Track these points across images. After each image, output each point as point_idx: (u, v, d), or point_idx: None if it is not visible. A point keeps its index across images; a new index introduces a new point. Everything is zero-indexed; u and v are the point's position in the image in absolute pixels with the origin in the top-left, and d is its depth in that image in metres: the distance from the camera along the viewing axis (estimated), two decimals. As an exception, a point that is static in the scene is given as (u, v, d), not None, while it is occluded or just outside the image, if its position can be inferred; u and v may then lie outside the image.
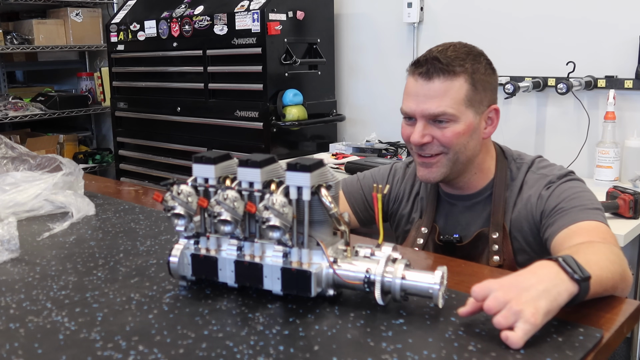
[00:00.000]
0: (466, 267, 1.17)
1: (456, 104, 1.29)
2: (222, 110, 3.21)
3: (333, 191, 0.93)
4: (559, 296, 0.89)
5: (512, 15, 2.78)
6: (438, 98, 1.29)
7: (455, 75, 1.29)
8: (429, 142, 1.31)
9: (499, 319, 0.84)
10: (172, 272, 1.01)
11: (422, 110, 1.30)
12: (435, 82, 1.29)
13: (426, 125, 1.31)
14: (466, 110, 1.30)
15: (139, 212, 1.52)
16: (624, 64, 2.46)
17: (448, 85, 1.29)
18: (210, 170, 0.97)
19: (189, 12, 3.27)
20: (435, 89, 1.29)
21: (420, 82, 1.30)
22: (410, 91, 1.33)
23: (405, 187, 1.53)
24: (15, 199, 1.46)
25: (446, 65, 1.29)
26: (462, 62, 1.31)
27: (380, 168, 1.61)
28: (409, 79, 1.35)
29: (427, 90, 1.30)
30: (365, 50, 3.36)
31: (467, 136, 1.31)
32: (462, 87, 1.29)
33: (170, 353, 0.81)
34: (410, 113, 1.33)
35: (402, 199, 1.53)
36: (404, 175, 1.54)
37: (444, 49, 1.34)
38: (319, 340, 0.84)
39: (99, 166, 4.46)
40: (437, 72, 1.29)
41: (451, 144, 1.31)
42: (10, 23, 4.33)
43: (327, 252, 0.93)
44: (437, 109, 1.28)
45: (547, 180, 1.33)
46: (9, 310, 0.96)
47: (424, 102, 1.30)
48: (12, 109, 4.01)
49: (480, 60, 1.34)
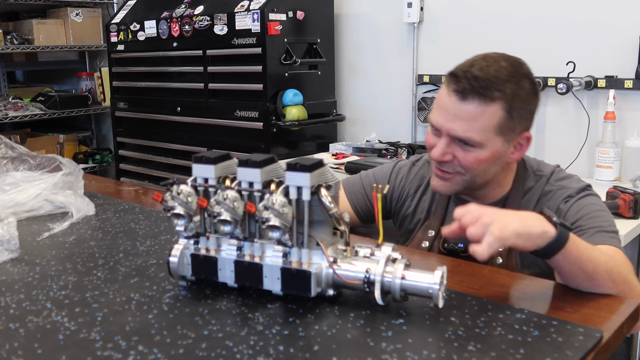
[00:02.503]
0: (466, 267, 1.17)
1: (485, 131, 1.21)
2: (222, 110, 3.21)
3: (333, 191, 0.93)
4: (532, 226, 0.98)
5: (512, 15, 2.78)
6: (468, 122, 1.20)
7: (491, 101, 1.19)
8: (449, 160, 1.26)
9: (470, 230, 0.95)
10: (172, 272, 1.01)
11: (449, 129, 1.23)
12: (468, 104, 1.20)
13: (450, 143, 1.24)
14: (495, 138, 1.22)
15: (139, 212, 1.52)
16: (624, 64, 2.46)
17: (481, 111, 1.20)
18: (210, 170, 0.97)
19: (189, 12, 3.27)
20: (467, 111, 1.20)
21: (454, 99, 1.21)
22: (441, 104, 1.25)
23: (410, 187, 1.49)
24: (15, 199, 1.46)
25: (484, 89, 1.19)
26: (502, 85, 1.20)
27: (383, 167, 1.57)
28: (443, 89, 1.26)
29: (457, 110, 1.21)
30: (365, 50, 3.36)
31: (490, 163, 1.25)
32: (495, 114, 1.20)
33: (170, 353, 0.81)
34: (436, 127, 1.26)
35: (406, 199, 1.49)
36: (409, 174, 1.50)
37: (487, 65, 1.22)
38: (319, 340, 0.84)
39: (99, 166, 4.46)
40: (473, 93, 1.19)
41: (471, 168, 1.25)
42: (10, 23, 4.33)
43: (327, 252, 0.93)
44: (463, 133, 1.21)
45: (566, 194, 1.29)
46: (9, 310, 0.96)
47: (452, 121, 1.22)
48: (12, 109, 4.01)
49: (524, 83, 1.23)
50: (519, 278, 1.11)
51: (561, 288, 1.05)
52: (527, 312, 0.92)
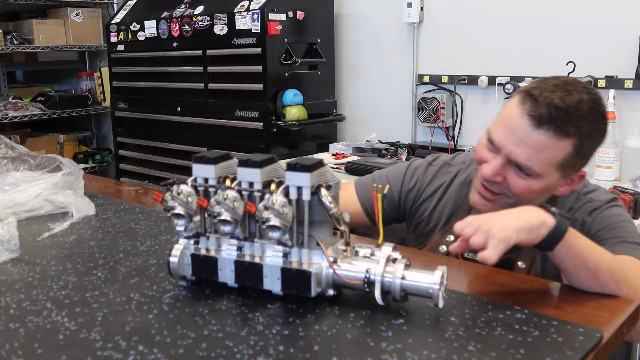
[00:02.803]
0: (466, 267, 1.17)
1: (547, 164, 1.15)
2: (222, 110, 3.21)
3: (333, 191, 0.93)
4: (530, 218, 0.99)
5: (512, 15, 2.79)
6: (533, 150, 1.14)
7: (565, 136, 1.13)
8: (499, 181, 1.20)
9: (473, 240, 0.96)
10: (172, 272, 1.01)
11: (510, 152, 1.16)
12: (540, 133, 1.13)
13: (505, 165, 1.18)
14: (553, 172, 1.17)
15: (139, 212, 1.52)
16: (624, 64, 2.46)
17: (552, 143, 1.13)
18: (210, 170, 0.97)
19: (189, 12, 3.27)
20: (536, 140, 1.13)
21: (526, 122, 1.13)
22: (510, 123, 1.16)
23: (427, 189, 1.42)
24: (15, 199, 1.46)
25: (562, 121, 1.12)
26: (580, 122, 1.13)
27: (397, 167, 1.50)
28: (515, 107, 1.17)
29: (527, 136, 1.14)
30: (365, 50, 3.36)
31: (540, 194, 1.20)
32: (564, 150, 1.14)
33: (170, 353, 0.81)
34: (497, 145, 1.18)
35: (423, 202, 1.42)
36: (425, 175, 1.44)
37: (568, 94, 1.13)
38: (319, 340, 0.84)
39: (99, 166, 4.46)
40: (549, 124, 1.12)
41: (519, 196, 1.19)
42: (10, 23, 4.33)
43: (327, 252, 0.93)
44: (525, 160, 1.15)
45: (592, 206, 1.26)
46: (9, 310, 0.96)
47: (517, 145, 1.15)
48: (12, 109, 4.01)
49: (600, 124, 1.16)
50: (519, 278, 1.11)
51: (561, 288, 1.05)
52: (527, 312, 0.92)
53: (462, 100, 3.02)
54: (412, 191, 1.44)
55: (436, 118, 3.01)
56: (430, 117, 3.04)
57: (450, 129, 3.05)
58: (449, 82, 3.03)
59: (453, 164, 1.45)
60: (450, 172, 1.43)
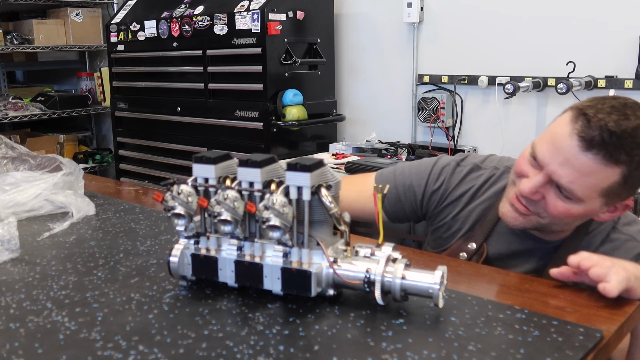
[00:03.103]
0: (466, 267, 1.17)
1: (591, 190, 1.08)
2: (222, 110, 3.21)
3: (333, 191, 0.93)
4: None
5: (512, 15, 2.79)
6: (578, 174, 1.07)
7: (614, 164, 1.05)
8: (536, 200, 1.13)
9: (594, 271, 0.96)
10: (172, 272, 1.01)
11: (553, 172, 1.09)
12: (588, 157, 1.05)
13: (546, 184, 1.11)
14: (597, 199, 1.10)
15: (139, 212, 1.52)
16: (624, 64, 2.46)
17: (599, 169, 1.06)
18: (210, 170, 0.97)
19: (189, 12, 3.27)
20: (583, 163, 1.06)
21: (575, 143, 1.06)
22: (556, 141, 1.09)
23: (454, 192, 1.33)
24: (15, 199, 1.46)
25: (613, 147, 1.04)
26: (633, 150, 1.05)
27: (421, 164, 1.40)
28: (565, 123, 1.10)
29: (573, 158, 1.06)
30: (365, 50, 3.36)
31: (577, 218, 1.14)
32: (610, 178, 1.07)
33: (170, 353, 0.81)
34: (540, 160, 1.11)
35: (447, 205, 1.34)
36: (452, 176, 1.34)
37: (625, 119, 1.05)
38: (319, 340, 0.84)
39: (99, 166, 4.46)
40: (599, 148, 1.04)
41: (555, 218, 1.13)
42: (10, 23, 4.34)
43: (327, 252, 0.93)
44: (568, 183, 1.08)
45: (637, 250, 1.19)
46: (9, 310, 0.96)
47: (562, 165, 1.08)
48: (12, 109, 4.02)
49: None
50: (519, 278, 1.11)
51: (561, 288, 1.05)
52: (527, 312, 0.92)
53: (462, 100, 3.02)
54: (437, 192, 1.35)
55: (436, 118, 3.01)
56: (430, 117, 3.04)
57: (450, 129, 3.05)
58: (449, 82, 3.03)
59: (484, 167, 1.36)
60: (480, 177, 1.34)
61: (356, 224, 1.62)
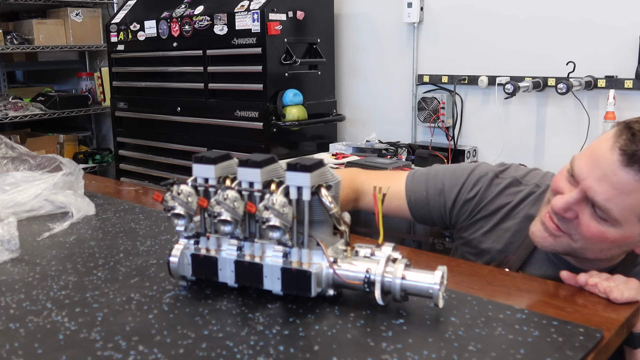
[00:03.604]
0: (466, 267, 1.17)
1: (630, 212, 1.00)
2: (222, 110, 3.21)
3: (333, 191, 0.93)
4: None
5: (512, 15, 2.79)
6: (616, 191, 0.99)
7: None
8: (570, 218, 1.05)
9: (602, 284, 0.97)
10: (172, 272, 1.01)
11: (589, 187, 1.01)
12: (629, 173, 0.98)
13: (581, 201, 1.03)
14: (636, 223, 1.01)
15: (139, 212, 1.52)
16: (624, 64, 2.46)
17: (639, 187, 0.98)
18: (210, 170, 0.97)
19: (189, 12, 3.27)
20: (622, 180, 0.98)
21: (615, 157, 0.99)
22: (596, 154, 1.02)
23: (489, 205, 1.25)
24: (15, 199, 1.46)
25: None
26: None
27: (458, 168, 1.32)
28: (608, 137, 1.02)
29: (612, 173, 0.99)
30: (365, 50, 3.36)
31: (613, 245, 1.05)
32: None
33: (170, 353, 0.81)
34: (576, 176, 1.04)
35: (480, 219, 1.25)
36: (489, 188, 1.26)
37: None
38: (319, 340, 0.84)
39: (99, 166, 4.46)
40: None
41: (588, 241, 1.05)
42: (10, 23, 4.34)
43: (327, 252, 0.93)
44: (604, 201, 1.00)
45: None
46: (9, 310, 0.96)
47: (599, 181, 1.00)
48: (12, 109, 4.02)
49: None
50: (519, 278, 1.11)
51: (561, 288, 1.05)
52: (527, 312, 0.92)
53: (462, 100, 3.02)
54: (470, 202, 1.27)
55: (436, 118, 3.01)
56: (430, 117, 3.04)
57: (450, 129, 3.05)
58: (449, 82, 3.03)
59: (524, 182, 1.26)
60: (519, 193, 1.25)
61: (356, 224, 1.63)
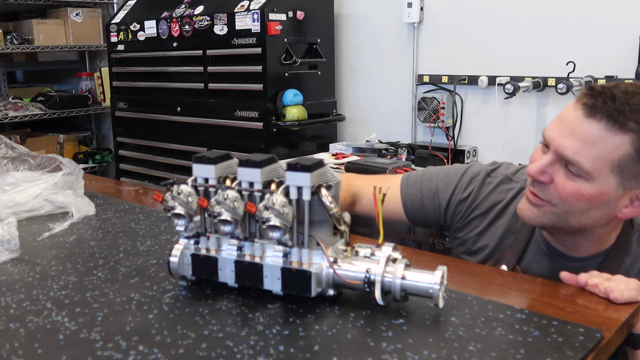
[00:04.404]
0: (466, 267, 1.17)
1: (599, 162, 1.01)
2: (222, 110, 3.21)
3: (333, 191, 0.93)
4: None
5: (512, 15, 2.79)
6: (583, 143, 1.02)
7: (621, 130, 1.00)
8: (545, 182, 1.08)
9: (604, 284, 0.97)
10: (172, 272, 1.01)
11: (559, 145, 1.05)
12: (592, 123, 1.01)
13: (554, 163, 1.06)
14: (608, 175, 1.02)
15: (139, 212, 1.52)
16: (624, 64, 2.46)
17: (605, 136, 1.00)
18: (210, 170, 0.97)
19: (189, 12, 3.27)
20: (587, 131, 1.01)
21: (579, 113, 1.03)
22: (562, 116, 1.08)
23: (482, 204, 1.27)
24: (15, 199, 1.46)
25: (618, 112, 0.99)
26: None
27: (451, 169, 1.35)
28: (571, 103, 1.08)
29: (577, 126, 1.03)
30: (365, 50, 3.36)
31: (591, 204, 1.05)
32: (620, 148, 1.00)
33: (170, 353, 0.81)
34: (546, 139, 1.08)
35: (474, 218, 1.28)
36: (482, 187, 1.28)
37: (633, 91, 1.02)
38: (319, 340, 0.84)
39: (99, 166, 4.46)
40: (603, 113, 1.00)
41: (565, 201, 1.06)
42: (10, 23, 4.34)
43: (327, 252, 0.93)
44: (573, 154, 1.03)
45: None
46: (9, 310, 0.96)
47: (566, 137, 1.04)
48: (12, 109, 4.02)
49: None
50: (519, 278, 1.11)
51: (561, 288, 1.05)
52: (527, 312, 0.92)
53: (462, 100, 3.02)
54: (464, 202, 1.30)
55: (436, 118, 3.01)
56: (430, 117, 3.04)
57: (450, 129, 3.05)
58: (449, 82, 3.03)
59: (515, 180, 1.29)
60: (511, 190, 1.28)
61: (356, 224, 1.63)
